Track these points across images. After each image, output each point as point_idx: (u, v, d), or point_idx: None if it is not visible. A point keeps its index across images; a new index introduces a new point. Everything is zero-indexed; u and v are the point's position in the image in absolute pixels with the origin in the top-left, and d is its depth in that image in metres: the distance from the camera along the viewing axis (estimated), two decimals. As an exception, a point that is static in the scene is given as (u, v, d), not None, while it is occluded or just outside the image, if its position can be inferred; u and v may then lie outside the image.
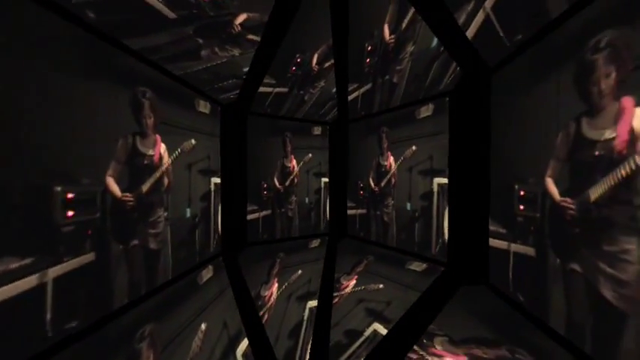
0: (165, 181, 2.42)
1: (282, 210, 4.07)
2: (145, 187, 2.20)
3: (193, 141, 2.73)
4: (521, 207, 2.17)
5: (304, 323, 2.53)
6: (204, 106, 3.00)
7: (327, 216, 4.33)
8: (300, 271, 3.30)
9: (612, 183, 1.51)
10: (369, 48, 3.09)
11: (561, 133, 1.79)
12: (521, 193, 2.16)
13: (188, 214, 2.79)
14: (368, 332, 2.26)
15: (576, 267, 1.74)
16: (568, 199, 1.77)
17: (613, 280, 1.53)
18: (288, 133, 4.08)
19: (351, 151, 4.20)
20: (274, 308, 2.61)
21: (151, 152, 2.24)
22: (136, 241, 2.11)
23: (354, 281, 3.03)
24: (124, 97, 2.00)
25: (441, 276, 2.56)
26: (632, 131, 1.42)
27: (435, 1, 2.03)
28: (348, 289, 2.88)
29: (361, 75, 3.43)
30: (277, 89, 3.47)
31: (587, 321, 1.65)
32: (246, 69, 2.94)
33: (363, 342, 2.17)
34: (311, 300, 2.78)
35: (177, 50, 2.34)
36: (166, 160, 2.41)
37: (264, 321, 2.33)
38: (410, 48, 2.88)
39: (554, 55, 1.83)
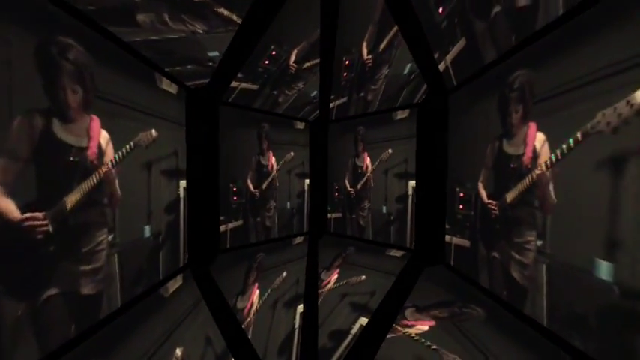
0: (109, 188, 1.71)
1: (258, 219, 3.49)
2: (71, 200, 1.41)
3: (154, 132, 2.03)
4: (461, 206, 2.62)
5: (296, 333, 2.27)
6: (168, 84, 2.25)
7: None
8: (284, 273, 2.99)
9: (521, 189, 1.96)
10: (347, 62, 3.12)
11: (489, 147, 2.24)
12: (461, 195, 2.61)
13: (147, 234, 2.11)
14: (355, 330, 2.19)
15: (496, 254, 2.20)
16: (492, 201, 2.22)
17: (519, 263, 1.99)
18: (264, 125, 3.49)
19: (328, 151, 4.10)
20: (258, 320, 2.24)
21: (81, 144, 1.48)
22: (53, 290, 1.33)
23: (335, 275, 2.93)
24: (28, 46, 1.21)
25: (409, 261, 2.92)
26: (534, 150, 1.86)
27: (416, 28, 2.34)
28: (330, 285, 2.74)
29: (338, 87, 3.45)
30: (244, 84, 2.97)
31: (502, 294, 2.11)
32: (212, 53, 2.40)
33: (350, 342, 2.09)
34: (301, 304, 2.51)
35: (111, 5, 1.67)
36: (110, 156, 1.69)
37: (249, 336, 2.01)
38: (385, 70, 3.04)
39: (490, 86, 2.27)
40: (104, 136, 1.65)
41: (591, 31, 1.44)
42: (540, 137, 1.83)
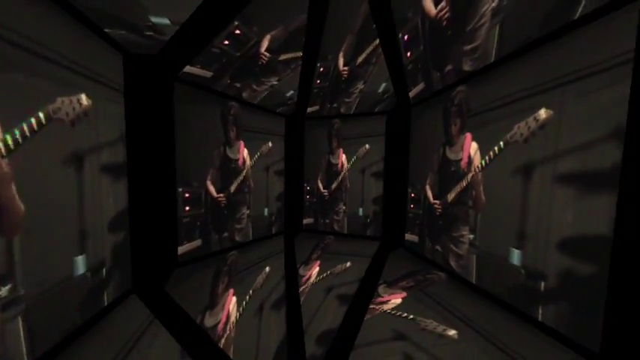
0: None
1: (225, 235, 2.79)
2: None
3: (84, 97, 1.44)
4: (412, 206, 2.89)
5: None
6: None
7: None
8: (267, 268, 2.58)
9: (458, 190, 2.25)
10: (322, 69, 2.90)
11: (435, 153, 2.52)
12: (412, 195, 2.88)
13: (81, 268, 1.46)
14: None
15: (438, 247, 2.48)
16: (437, 201, 2.50)
17: (456, 255, 2.26)
18: (233, 106, 2.72)
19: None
20: (240, 335, 1.75)
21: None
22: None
23: (317, 268, 2.66)
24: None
25: (378, 247, 3.06)
26: (469, 156, 2.15)
27: (394, 45, 2.45)
28: (311, 280, 2.46)
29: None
30: (193, 69, 2.20)
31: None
32: (160, 19, 1.79)
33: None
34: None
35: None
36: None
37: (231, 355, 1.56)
38: (360, 85, 3.00)
39: (439, 101, 2.55)
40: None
41: (512, 65, 1.73)
42: (474, 145, 2.12)
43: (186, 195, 2.41)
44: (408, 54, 2.51)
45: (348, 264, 2.72)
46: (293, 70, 2.80)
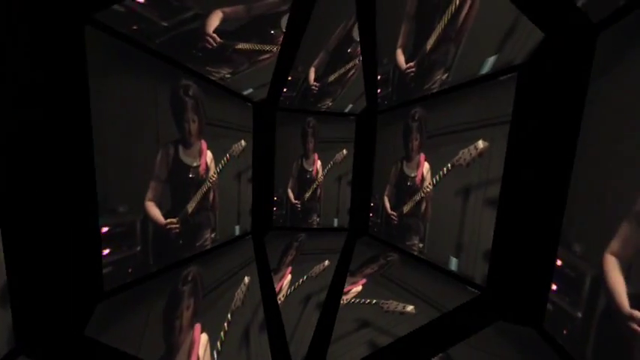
0: None
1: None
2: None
3: None
4: (371, 214, 3.10)
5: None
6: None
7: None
8: (247, 279, 2.11)
9: (412, 203, 2.48)
10: (290, 78, 2.75)
11: (394, 166, 2.75)
12: (372, 204, 3.09)
13: None
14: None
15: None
16: (393, 212, 2.72)
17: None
18: (191, 92, 1.99)
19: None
20: None
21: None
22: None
23: (289, 276, 2.32)
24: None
25: (346, 240, 3.16)
26: (422, 174, 2.40)
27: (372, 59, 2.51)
28: (285, 283, 2.20)
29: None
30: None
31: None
32: None
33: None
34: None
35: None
36: None
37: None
38: (329, 102, 3.04)
39: (399, 116, 2.79)
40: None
41: (462, 99, 1.99)
42: (427, 165, 2.36)
43: (105, 230, 1.50)
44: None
45: (327, 262, 2.50)
46: (254, 64, 2.36)
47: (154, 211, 1.81)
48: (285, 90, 2.86)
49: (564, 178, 1.22)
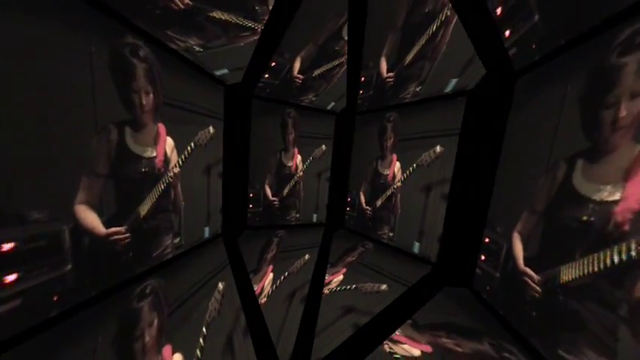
0: None
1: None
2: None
3: None
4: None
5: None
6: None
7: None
8: (221, 285, 1.91)
9: (384, 198, 2.85)
10: (273, 64, 2.56)
11: (369, 165, 3.11)
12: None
13: None
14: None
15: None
16: (368, 207, 3.09)
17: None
18: (142, 53, 1.55)
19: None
20: None
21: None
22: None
23: (270, 274, 2.24)
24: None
25: (323, 234, 3.43)
26: (394, 172, 2.76)
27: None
28: (267, 282, 2.13)
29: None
30: None
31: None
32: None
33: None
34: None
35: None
36: None
37: None
38: (312, 96, 3.05)
39: (377, 118, 3.15)
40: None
41: (428, 110, 2.36)
42: (398, 164, 2.74)
43: (9, 247, 1.10)
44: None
45: (307, 257, 2.54)
46: (232, 40, 2.07)
47: (89, 218, 1.35)
48: (267, 76, 2.59)
49: (491, 180, 1.64)
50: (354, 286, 2.08)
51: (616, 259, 0.98)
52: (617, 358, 0.93)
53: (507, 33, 1.51)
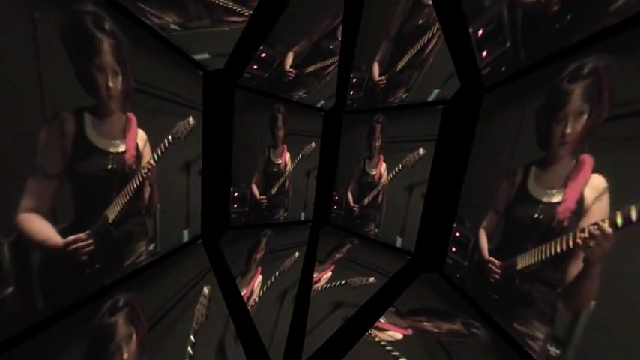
0: None
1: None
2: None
3: None
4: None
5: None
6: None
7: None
8: (206, 289, 1.81)
9: (371, 197, 3.06)
10: (263, 55, 2.46)
11: (357, 165, 3.32)
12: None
13: None
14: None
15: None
16: (355, 205, 3.30)
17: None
18: (106, 26, 1.26)
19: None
20: None
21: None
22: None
23: (260, 276, 2.18)
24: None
25: (310, 232, 3.60)
26: (380, 173, 2.98)
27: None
28: (256, 284, 2.07)
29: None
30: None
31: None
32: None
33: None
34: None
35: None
36: None
37: None
38: (302, 93, 3.03)
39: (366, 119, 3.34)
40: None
41: (413, 115, 2.58)
42: (384, 165, 2.95)
43: None
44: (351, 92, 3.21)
45: (297, 254, 2.53)
46: (217, 23, 1.92)
47: (38, 227, 1.15)
48: (255, 67, 2.44)
49: (460, 181, 1.88)
50: (343, 281, 2.18)
51: (558, 248, 1.22)
52: (554, 324, 1.18)
53: (484, 54, 1.74)
